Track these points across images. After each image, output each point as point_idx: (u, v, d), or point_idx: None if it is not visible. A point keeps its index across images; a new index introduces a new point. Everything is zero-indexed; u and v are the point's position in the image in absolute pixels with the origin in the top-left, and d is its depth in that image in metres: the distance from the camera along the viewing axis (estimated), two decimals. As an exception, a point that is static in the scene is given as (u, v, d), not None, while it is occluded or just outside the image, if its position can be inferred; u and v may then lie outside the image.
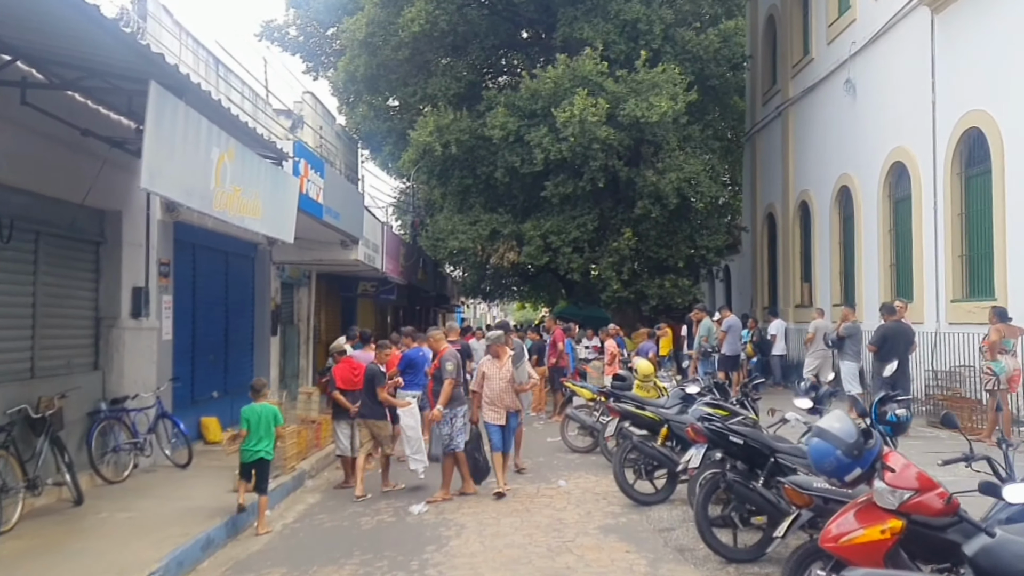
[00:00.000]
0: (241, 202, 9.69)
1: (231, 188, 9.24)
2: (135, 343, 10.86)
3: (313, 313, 19.18)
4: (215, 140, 8.97)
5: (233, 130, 9.67)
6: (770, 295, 24.45)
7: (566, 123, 18.51)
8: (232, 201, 9.46)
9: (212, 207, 9.06)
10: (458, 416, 9.80)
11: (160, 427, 11.05)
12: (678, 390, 11.45)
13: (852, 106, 18.36)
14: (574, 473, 11.19)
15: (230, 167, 9.30)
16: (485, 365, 10.13)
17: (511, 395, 10.09)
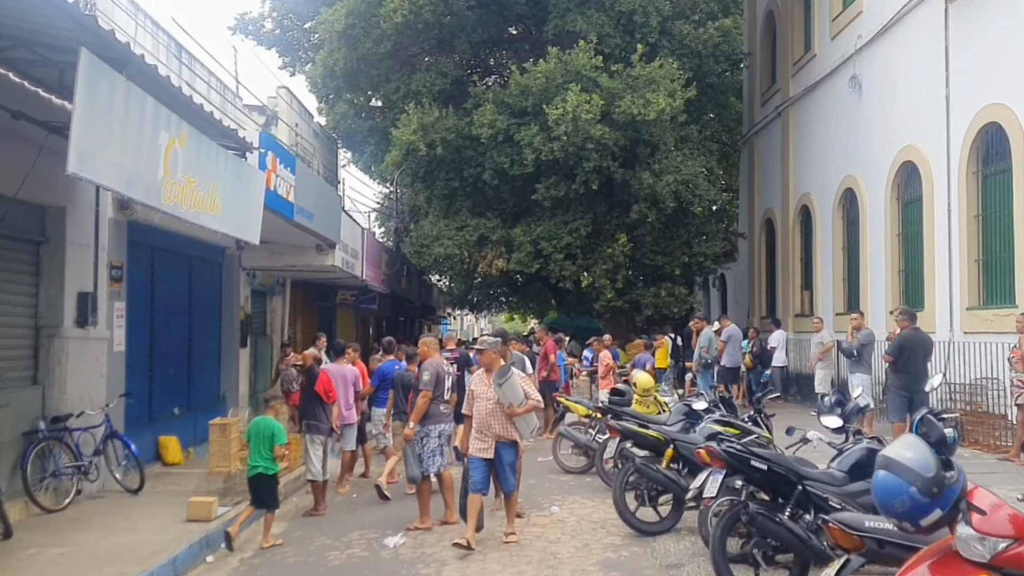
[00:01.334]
0: (196, 196, 8.61)
1: (183, 179, 8.18)
2: (81, 355, 9.76)
3: (288, 323, 18.06)
4: (164, 123, 7.92)
5: (186, 113, 8.61)
6: (768, 304, 23.53)
7: (558, 121, 17.52)
8: (185, 194, 8.38)
9: (160, 200, 7.99)
10: (431, 435, 8.72)
11: (109, 448, 9.92)
12: (681, 405, 10.47)
13: (858, 104, 17.54)
14: (568, 497, 10.12)
15: (182, 155, 8.23)
16: (475, 382, 8.39)
17: (501, 420, 8.04)
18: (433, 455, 8.66)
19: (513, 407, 7.92)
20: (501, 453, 8.07)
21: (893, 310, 15.18)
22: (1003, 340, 12.20)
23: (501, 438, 8.06)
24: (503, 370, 7.95)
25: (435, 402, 8.70)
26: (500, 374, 7.92)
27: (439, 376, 8.72)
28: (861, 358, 13.67)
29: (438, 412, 8.75)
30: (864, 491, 6.58)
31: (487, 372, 8.20)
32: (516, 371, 8.02)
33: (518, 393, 7.91)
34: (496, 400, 7.97)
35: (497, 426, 8.05)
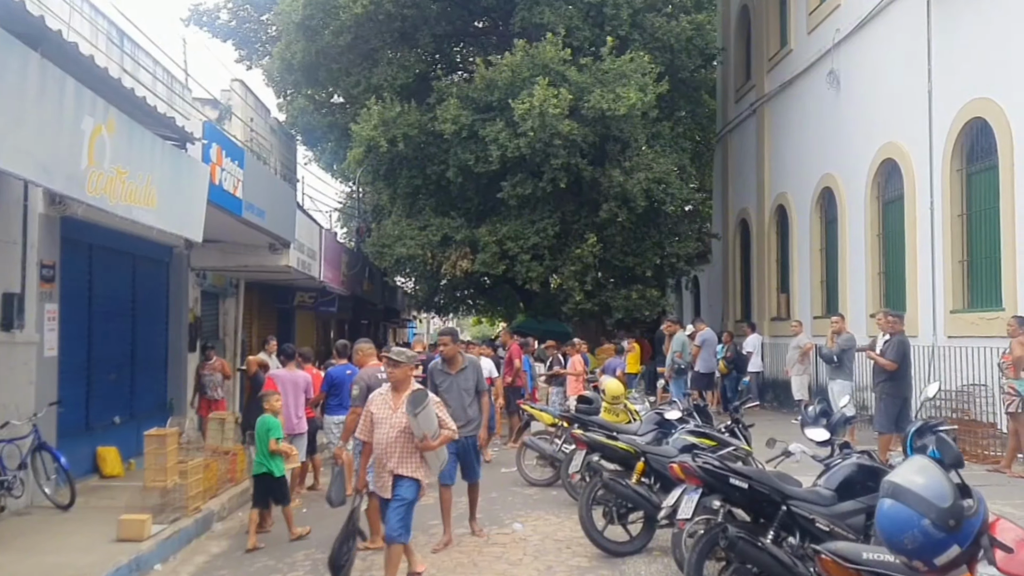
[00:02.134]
0: (128, 188, 7.87)
1: (112, 169, 7.44)
2: (6, 360, 8.97)
3: (242, 327, 17.21)
4: (88, 107, 7.19)
5: (115, 98, 7.88)
6: (743, 307, 23.02)
7: (525, 116, 16.82)
8: (114, 186, 7.64)
9: (84, 191, 7.25)
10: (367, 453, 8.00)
11: (37, 461, 9.11)
12: (653, 414, 9.85)
13: (836, 100, 17.08)
14: (532, 513, 9.43)
15: (110, 143, 7.50)
16: (376, 403, 6.76)
17: (404, 452, 6.55)
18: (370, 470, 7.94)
19: (427, 439, 6.44)
20: (397, 490, 6.52)
21: (875, 313, 14.67)
22: (989, 344, 11.77)
23: (399, 474, 6.53)
24: (419, 395, 6.48)
25: None
26: (415, 401, 6.40)
27: (369, 389, 8.00)
28: (842, 364, 13.11)
29: None
30: (855, 512, 5.98)
31: (394, 392, 6.70)
32: (432, 395, 6.77)
33: (433, 423, 6.52)
34: (403, 428, 6.51)
35: (396, 459, 6.57)
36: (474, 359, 8.59)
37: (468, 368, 8.31)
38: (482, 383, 8.42)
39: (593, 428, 9.54)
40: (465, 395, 8.22)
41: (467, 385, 8.25)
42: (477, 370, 8.41)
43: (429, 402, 6.49)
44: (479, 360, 8.85)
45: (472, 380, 8.30)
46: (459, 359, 8.30)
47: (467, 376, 8.27)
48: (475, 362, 8.51)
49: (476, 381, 8.33)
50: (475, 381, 8.32)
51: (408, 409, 6.40)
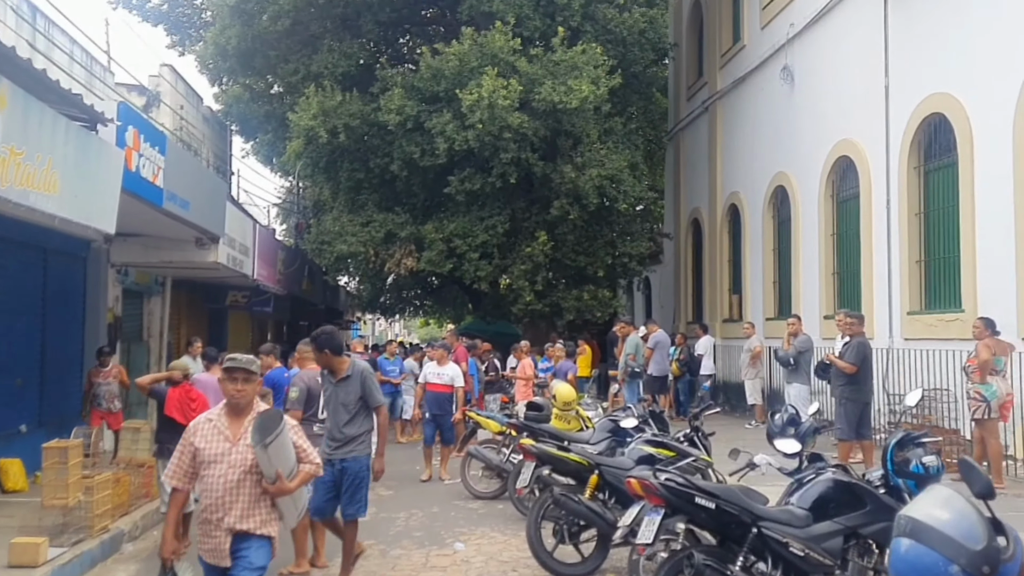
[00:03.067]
0: (24, 171, 6.96)
1: (4, 149, 6.56)
2: None
3: (168, 328, 16.17)
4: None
5: (10, 70, 6.98)
6: (695, 309, 22.60)
7: (473, 107, 16.08)
8: (6, 169, 6.74)
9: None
10: None
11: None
12: (606, 421, 9.21)
13: (789, 96, 16.69)
14: (476, 530, 8.69)
15: (1, 119, 6.62)
16: (202, 433, 4.77)
17: (250, 501, 4.67)
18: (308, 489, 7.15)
19: (281, 480, 4.60)
20: (242, 555, 4.64)
21: (830, 314, 14.29)
22: (948, 347, 11.40)
23: (244, 531, 4.65)
24: (268, 419, 4.58)
25: (306, 423, 7.21)
26: (265, 426, 4.51)
27: (310, 392, 7.25)
28: (799, 367, 12.68)
29: (310, 434, 7.23)
30: (831, 534, 5.38)
31: (232, 417, 4.74)
32: (289, 420, 4.82)
33: (290, 457, 4.68)
34: (248, 467, 4.62)
35: (237, 511, 4.63)
36: (361, 366, 6.84)
37: (352, 377, 6.68)
38: (373, 396, 6.72)
39: (543, 437, 8.85)
40: (342, 410, 6.67)
41: (347, 398, 6.67)
42: (364, 380, 6.69)
43: (284, 427, 4.58)
44: (367, 366, 6.97)
45: (354, 392, 6.67)
46: (344, 365, 6.72)
47: (349, 388, 6.67)
48: (362, 370, 6.76)
49: (362, 393, 6.68)
50: (359, 393, 6.68)
51: (255, 439, 4.51)
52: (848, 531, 5.42)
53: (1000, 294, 10.80)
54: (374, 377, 6.92)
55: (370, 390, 6.70)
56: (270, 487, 4.62)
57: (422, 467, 12.74)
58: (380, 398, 6.85)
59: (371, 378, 6.77)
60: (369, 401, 6.70)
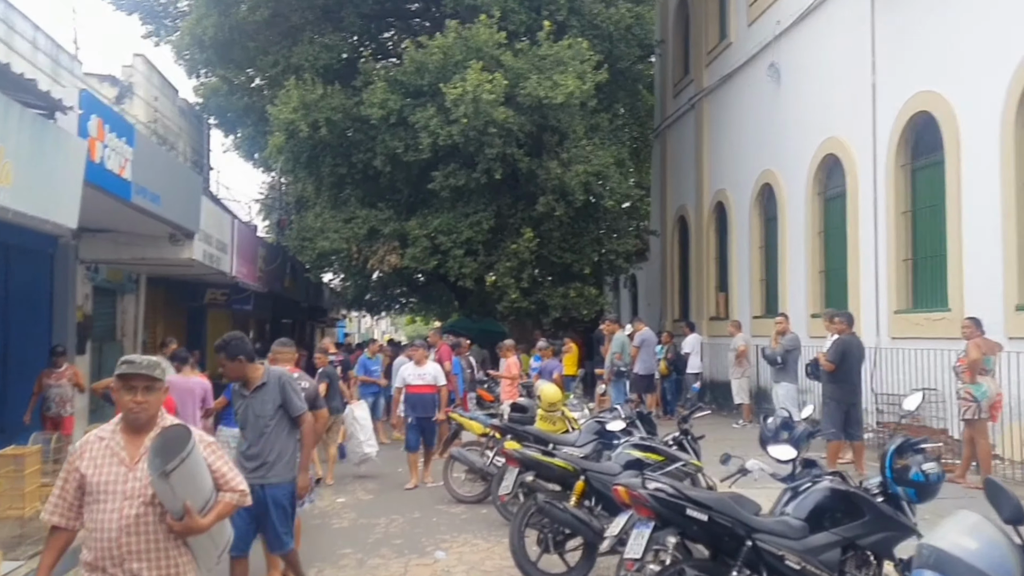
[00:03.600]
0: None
1: (-57, 134, 6.21)
2: None
3: (143, 327, 15.75)
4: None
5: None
6: (681, 307, 22.37)
7: (457, 101, 15.77)
8: None
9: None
10: None
11: None
12: (592, 423, 8.92)
13: (776, 94, 16.46)
14: (458, 536, 8.39)
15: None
16: (89, 452, 3.62)
17: (153, 543, 3.54)
18: None
19: (190, 516, 3.49)
20: None
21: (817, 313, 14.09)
22: (935, 346, 11.21)
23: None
24: (172, 437, 3.49)
25: None
26: (166, 447, 3.44)
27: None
28: (786, 366, 12.50)
29: None
30: (829, 545, 5.12)
31: (129, 435, 3.63)
32: (199, 434, 3.70)
33: (202, 486, 3.59)
34: (152, 499, 3.52)
35: (137, 559, 3.51)
36: (277, 371, 6.01)
37: (268, 385, 5.79)
38: (293, 404, 5.84)
39: (527, 440, 8.57)
40: (260, 425, 5.77)
41: (264, 410, 5.76)
42: (283, 387, 5.83)
43: (192, 448, 3.44)
44: (284, 372, 6.14)
45: (272, 402, 5.78)
46: (257, 372, 5.84)
47: (266, 398, 5.78)
48: (279, 376, 5.89)
49: (282, 402, 5.80)
50: (278, 402, 5.80)
51: (152, 466, 3.42)
52: (846, 542, 5.17)
53: (987, 293, 10.63)
54: (294, 383, 6.05)
55: (290, 398, 5.82)
56: (175, 524, 3.50)
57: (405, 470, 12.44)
58: (301, 405, 5.92)
59: (290, 384, 5.93)
60: (290, 410, 5.82)
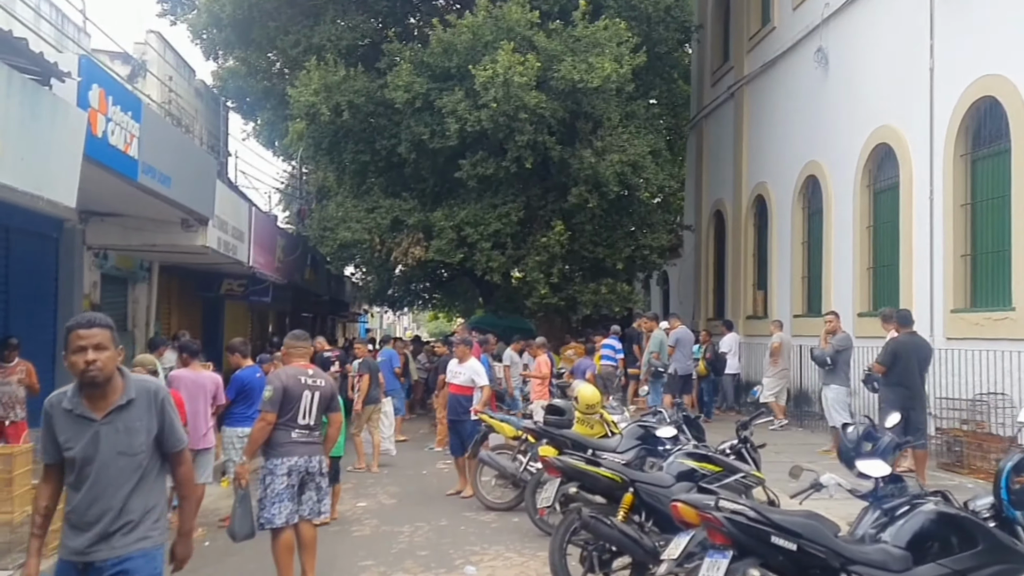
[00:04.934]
0: None
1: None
2: None
3: (156, 317, 15.07)
4: None
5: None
6: (716, 305, 21.54)
7: (487, 84, 14.96)
8: None
9: None
10: (276, 473, 6.15)
11: None
12: (635, 427, 8.14)
13: (823, 81, 15.62)
14: (489, 548, 7.61)
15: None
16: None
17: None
18: (277, 501, 6.11)
19: None
20: None
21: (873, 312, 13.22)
22: (996, 348, 10.43)
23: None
24: None
25: (283, 428, 6.17)
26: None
27: (287, 392, 6.20)
28: (836, 367, 11.62)
29: (287, 441, 6.20)
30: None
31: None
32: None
33: None
34: None
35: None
36: (153, 385, 3.78)
37: (135, 404, 3.64)
38: (174, 434, 3.77)
39: (565, 445, 7.79)
40: (118, 467, 3.60)
41: (129, 444, 3.61)
42: (161, 409, 3.71)
43: None
44: (161, 385, 3.92)
45: (142, 431, 3.65)
46: (117, 384, 3.62)
47: (131, 423, 3.62)
48: (154, 392, 3.72)
49: (158, 430, 3.70)
50: (152, 430, 3.69)
51: None
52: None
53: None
54: (172, 401, 3.83)
55: (171, 424, 3.75)
56: None
57: (429, 472, 11.76)
58: (182, 435, 3.85)
59: (169, 403, 3.77)
60: (166, 443, 3.75)
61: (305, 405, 6.19)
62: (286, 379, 6.21)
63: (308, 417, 6.21)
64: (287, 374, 6.27)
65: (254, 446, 6.22)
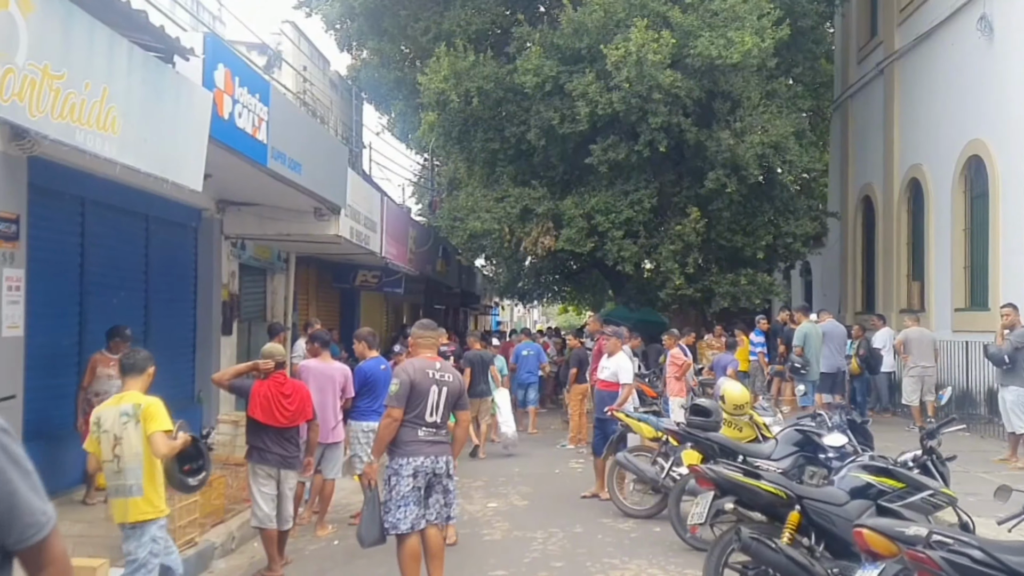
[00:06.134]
0: (66, 101, 5.55)
1: (32, 68, 5.24)
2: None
3: (294, 308, 15.05)
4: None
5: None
6: (864, 297, 20.16)
7: (619, 64, 14.25)
8: (39, 93, 5.30)
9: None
10: (402, 475, 5.69)
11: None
12: (792, 432, 7.35)
13: (988, 51, 14.25)
14: (630, 562, 6.99)
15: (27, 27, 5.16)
16: None
17: None
18: (402, 504, 5.67)
19: None
20: None
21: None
22: None
23: None
24: None
25: (409, 425, 5.72)
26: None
27: (415, 387, 5.74)
28: (1015, 366, 10.41)
29: (413, 439, 5.74)
30: None
31: None
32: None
33: None
34: None
35: None
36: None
37: None
38: (20, 518, 1.94)
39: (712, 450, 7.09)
40: None
41: None
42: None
43: None
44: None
45: None
46: None
47: None
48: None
49: None
50: None
51: None
52: None
53: None
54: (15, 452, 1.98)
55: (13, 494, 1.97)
56: None
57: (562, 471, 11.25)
58: (39, 512, 1.99)
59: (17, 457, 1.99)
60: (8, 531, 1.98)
61: (433, 401, 5.74)
62: (413, 372, 5.76)
63: (435, 414, 5.76)
64: (414, 367, 5.82)
65: (381, 444, 5.80)
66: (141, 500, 5.06)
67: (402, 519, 5.63)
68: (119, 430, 5.03)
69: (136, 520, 5.08)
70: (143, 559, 5.09)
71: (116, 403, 5.18)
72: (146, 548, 5.11)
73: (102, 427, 5.10)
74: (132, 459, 5.02)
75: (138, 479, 5.02)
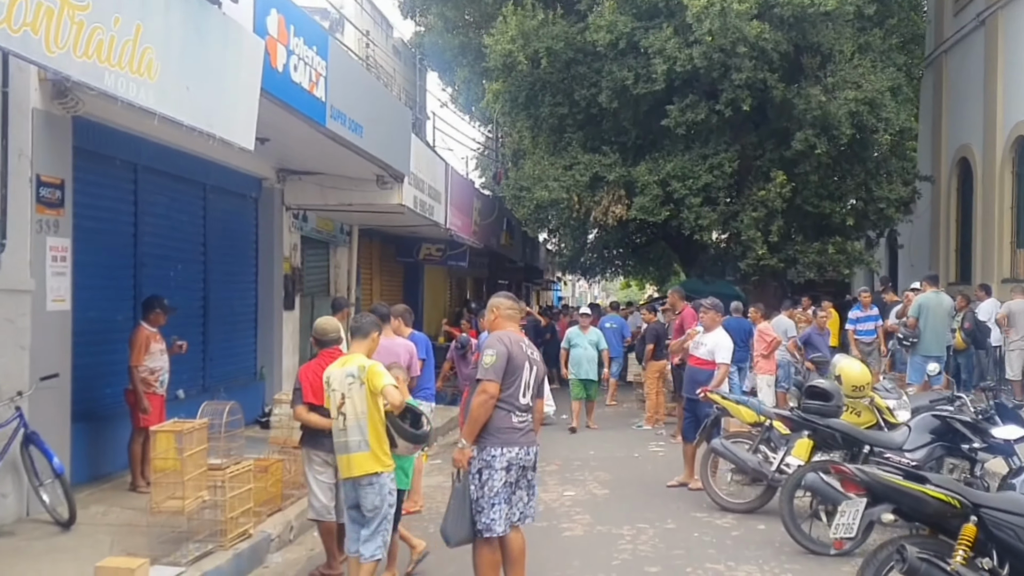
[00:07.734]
0: (92, 38, 4.82)
1: (54, 0, 4.57)
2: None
3: (357, 282, 14.45)
4: None
5: None
6: (958, 266, 18.80)
7: (700, 15, 13.22)
8: (59, 28, 4.59)
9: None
10: (495, 467, 4.91)
11: (26, 458, 6.51)
12: (928, 418, 6.41)
13: (1110, -7, 12.79)
14: (737, 567, 6.09)
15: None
16: None
17: None
18: (496, 503, 4.90)
19: None
20: None
21: None
22: None
23: None
24: None
25: (503, 408, 4.93)
26: None
27: (511, 360, 4.94)
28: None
29: (507, 426, 4.95)
30: None
31: None
32: None
33: None
34: None
35: None
36: None
37: None
38: None
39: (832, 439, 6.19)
40: None
41: None
42: None
43: None
44: None
45: None
46: None
47: None
48: None
49: None
50: None
51: None
52: None
53: None
54: None
55: None
56: None
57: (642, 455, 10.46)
58: None
59: None
60: None
61: (525, 380, 4.96)
62: (510, 344, 4.96)
63: (527, 395, 4.99)
64: (510, 339, 5.01)
65: (475, 426, 4.93)
66: (366, 455, 5.12)
67: (497, 519, 4.86)
68: (345, 389, 5.17)
69: (362, 473, 5.12)
70: (385, 511, 5.16)
71: (342, 365, 5.30)
72: (386, 500, 5.17)
73: (331, 386, 5.28)
74: (355, 417, 5.14)
75: (363, 435, 5.11)
